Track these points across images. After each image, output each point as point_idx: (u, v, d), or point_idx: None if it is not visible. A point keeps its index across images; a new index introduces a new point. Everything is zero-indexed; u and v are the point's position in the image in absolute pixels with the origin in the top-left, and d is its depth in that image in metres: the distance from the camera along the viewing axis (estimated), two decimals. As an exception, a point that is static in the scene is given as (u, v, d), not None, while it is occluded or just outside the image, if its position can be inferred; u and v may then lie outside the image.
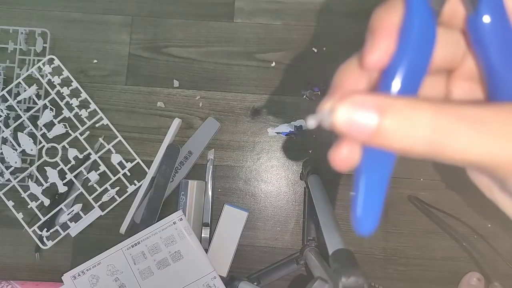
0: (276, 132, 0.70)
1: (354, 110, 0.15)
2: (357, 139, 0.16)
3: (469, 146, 0.15)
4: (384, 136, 0.15)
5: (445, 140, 0.15)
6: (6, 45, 0.71)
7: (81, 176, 0.68)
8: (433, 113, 0.15)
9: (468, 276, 0.67)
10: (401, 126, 0.15)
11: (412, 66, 0.17)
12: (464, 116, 0.15)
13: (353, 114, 0.15)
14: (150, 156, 0.70)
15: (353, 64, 0.19)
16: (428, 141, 0.15)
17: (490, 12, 0.17)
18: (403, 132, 0.15)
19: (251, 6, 0.74)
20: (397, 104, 0.15)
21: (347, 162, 0.18)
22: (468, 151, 0.15)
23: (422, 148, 0.15)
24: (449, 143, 0.15)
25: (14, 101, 0.68)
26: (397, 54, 0.17)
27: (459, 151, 0.15)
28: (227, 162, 0.71)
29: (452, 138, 0.15)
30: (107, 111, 0.70)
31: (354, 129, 0.15)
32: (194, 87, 0.72)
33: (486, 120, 0.15)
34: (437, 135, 0.15)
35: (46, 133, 0.67)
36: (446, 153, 0.15)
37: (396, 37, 0.17)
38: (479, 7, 0.17)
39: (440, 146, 0.15)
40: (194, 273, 0.63)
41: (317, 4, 0.74)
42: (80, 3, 0.74)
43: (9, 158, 0.66)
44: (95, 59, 0.73)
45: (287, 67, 0.73)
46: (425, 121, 0.15)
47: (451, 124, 0.15)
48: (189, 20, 0.74)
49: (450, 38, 0.19)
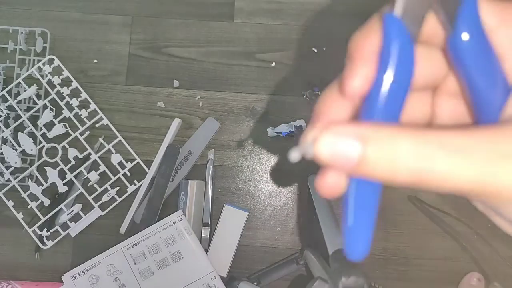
0: (276, 132, 0.70)
1: (336, 141, 0.15)
2: (340, 170, 0.16)
3: (453, 175, 0.14)
4: (367, 166, 0.15)
5: (428, 169, 0.15)
6: (6, 45, 0.71)
7: (81, 176, 0.68)
8: (415, 141, 0.15)
9: (468, 277, 0.67)
10: (384, 156, 0.15)
11: (393, 91, 0.17)
12: (446, 143, 0.15)
13: (335, 145, 0.15)
14: (150, 156, 0.70)
15: (333, 91, 0.19)
16: (411, 171, 0.15)
17: (468, 32, 0.17)
18: (385, 162, 0.15)
19: (251, 6, 0.74)
20: (379, 133, 0.15)
21: (334, 189, 0.18)
22: (452, 180, 0.15)
23: (406, 178, 0.15)
24: (432, 172, 0.15)
25: (14, 101, 0.68)
26: (377, 79, 0.17)
27: (443, 180, 0.15)
28: (227, 162, 0.71)
29: (435, 167, 0.14)
30: (107, 111, 0.70)
31: (337, 160, 0.15)
32: (194, 87, 0.72)
33: (468, 147, 0.14)
34: (419, 164, 0.15)
35: (46, 133, 0.67)
36: (430, 183, 0.15)
37: (375, 63, 0.17)
38: (457, 27, 0.17)
39: (424, 176, 0.15)
40: (194, 273, 0.63)
41: (317, 4, 0.74)
42: (80, 3, 0.74)
43: (9, 158, 0.66)
44: (95, 59, 0.73)
45: (287, 67, 0.73)
46: (407, 150, 0.15)
47: (433, 153, 0.15)
48: (189, 20, 0.74)
49: (432, 56, 0.18)
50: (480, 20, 0.17)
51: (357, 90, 0.17)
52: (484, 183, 0.14)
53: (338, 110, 0.19)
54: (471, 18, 0.17)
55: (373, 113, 0.17)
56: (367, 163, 0.15)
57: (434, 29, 0.18)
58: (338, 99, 0.19)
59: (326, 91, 0.19)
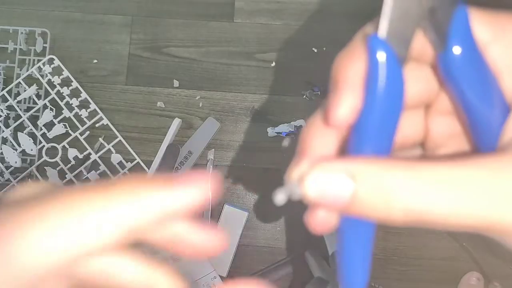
0: (276, 132, 0.70)
1: (325, 179, 0.14)
2: (330, 209, 0.15)
3: (454, 214, 0.13)
4: (359, 206, 0.14)
5: (426, 208, 0.13)
6: (6, 45, 0.71)
7: (81, 176, 0.68)
8: (410, 177, 0.14)
9: (467, 276, 0.67)
10: (376, 194, 0.14)
11: (382, 119, 0.16)
12: (444, 179, 0.13)
13: (324, 184, 0.14)
14: (150, 156, 0.70)
15: (318, 121, 0.17)
16: (408, 211, 0.14)
17: (461, 48, 0.15)
18: (379, 201, 0.14)
19: (251, 6, 0.74)
20: (370, 169, 0.14)
21: (325, 226, 0.17)
22: (454, 219, 0.13)
23: (402, 218, 0.14)
24: (431, 211, 0.13)
25: (14, 101, 0.68)
26: (364, 107, 0.16)
27: (444, 220, 0.14)
28: (227, 162, 0.71)
29: (434, 206, 0.13)
30: (107, 111, 0.70)
31: (327, 200, 0.14)
32: (194, 87, 0.72)
33: (469, 182, 0.13)
34: (416, 204, 0.13)
35: (46, 133, 0.67)
36: (429, 222, 0.14)
37: (361, 89, 0.16)
38: (449, 44, 0.15)
39: (422, 215, 0.14)
40: (194, 273, 0.63)
41: (317, 4, 0.74)
42: (80, 3, 0.74)
43: (9, 158, 0.66)
44: (95, 59, 0.73)
45: (287, 67, 0.73)
46: (402, 188, 0.14)
47: (431, 190, 0.13)
48: (189, 20, 0.74)
49: (422, 74, 0.17)
50: (472, 36, 0.15)
51: (343, 120, 0.16)
52: (489, 220, 0.13)
53: (323, 142, 0.17)
54: (463, 34, 0.15)
55: (363, 144, 0.16)
56: (358, 202, 0.14)
57: (423, 46, 0.16)
58: (323, 129, 0.17)
59: (310, 121, 0.18)
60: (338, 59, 0.17)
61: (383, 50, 0.15)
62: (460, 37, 0.15)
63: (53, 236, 0.13)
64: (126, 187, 0.14)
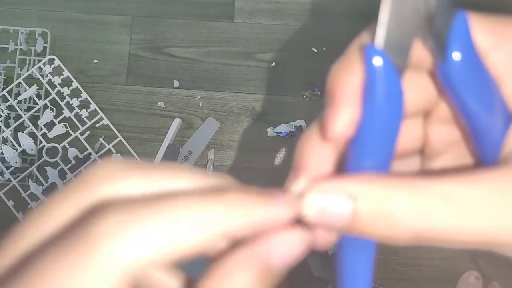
0: (276, 132, 0.70)
1: (324, 200, 0.14)
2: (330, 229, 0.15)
3: (460, 232, 0.13)
4: (360, 226, 0.14)
5: (430, 227, 0.13)
6: (7, 45, 0.71)
7: (81, 176, 0.68)
8: (412, 195, 0.13)
9: (466, 275, 0.67)
10: (378, 214, 0.13)
11: (381, 132, 0.15)
12: (449, 195, 0.13)
13: (323, 205, 0.14)
14: (150, 156, 0.70)
15: (313, 135, 0.17)
16: (411, 230, 0.13)
17: (461, 58, 0.15)
18: (380, 220, 0.13)
19: (251, 6, 0.74)
20: (371, 188, 0.14)
21: (323, 242, 0.16)
22: (460, 237, 0.13)
23: (405, 237, 0.13)
24: (436, 230, 0.13)
25: (14, 101, 0.68)
26: (363, 120, 0.15)
27: (450, 238, 0.13)
28: (227, 162, 0.71)
29: (439, 225, 0.13)
30: (107, 111, 0.70)
31: (326, 221, 0.14)
32: (194, 87, 0.72)
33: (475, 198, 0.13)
34: (420, 222, 0.13)
35: (47, 133, 0.67)
36: (434, 240, 0.13)
37: (359, 101, 0.15)
38: (448, 52, 0.15)
39: (426, 234, 0.13)
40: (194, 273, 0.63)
41: (317, 4, 0.74)
42: (80, 3, 0.74)
43: (10, 158, 0.66)
44: (96, 59, 0.73)
45: (287, 67, 0.73)
46: (405, 206, 0.13)
47: (435, 208, 0.13)
48: (189, 20, 0.74)
49: (421, 82, 0.17)
50: (472, 43, 0.15)
51: (341, 134, 0.15)
52: (497, 237, 0.13)
53: (320, 156, 0.16)
54: (462, 41, 0.15)
55: (362, 158, 0.15)
56: (360, 223, 0.14)
57: (421, 54, 0.16)
58: (320, 144, 0.16)
59: (305, 135, 0.17)
60: (334, 70, 0.16)
61: (381, 61, 0.14)
62: (460, 45, 0.15)
63: (149, 235, 0.13)
64: (229, 195, 0.14)
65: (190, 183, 0.15)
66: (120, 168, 0.15)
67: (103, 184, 0.14)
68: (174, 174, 0.15)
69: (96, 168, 0.15)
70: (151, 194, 0.14)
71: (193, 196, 0.14)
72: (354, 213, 0.14)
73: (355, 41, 0.16)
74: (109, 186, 0.14)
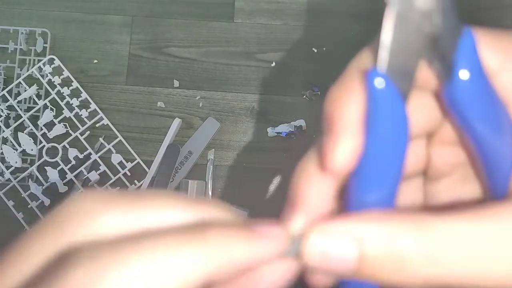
0: (276, 132, 0.70)
1: (327, 243, 0.13)
2: (334, 274, 0.13)
3: (478, 277, 0.12)
4: (367, 270, 0.13)
5: (445, 274, 0.12)
6: (7, 45, 0.71)
7: (81, 176, 0.68)
8: (423, 240, 0.12)
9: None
10: (388, 260, 0.12)
11: (385, 163, 0.14)
12: (457, 236, 0.12)
13: (326, 249, 0.13)
14: (150, 156, 0.70)
15: (312, 165, 0.15)
16: (425, 276, 0.12)
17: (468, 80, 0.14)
18: (391, 266, 0.12)
19: (251, 6, 0.74)
20: (377, 232, 0.12)
21: (325, 281, 0.15)
22: (478, 282, 0.12)
23: (415, 281, 0.12)
24: (451, 276, 0.12)
25: (14, 101, 0.68)
26: (365, 151, 0.14)
27: (461, 282, 0.12)
28: (227, 162, 0.71)
29: (454, 271, 0.12)
30: (107, 111, 0.70)
31: (329, 265, 0.13)
32: (194, 87, 0.72)
33: (492, 239, 0.12)
34: (434, 269, 0.12)
35: (47, 133, 0.67)
36: (446, 284, 0.12)
37: (360, 130, 0.14)
38: (456, 76, 0.14)
39: (442, 280, 0.12)
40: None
41: (317, 4, 0.74)
42: (80, 3, 0.74)
43: (9, 158, 0.66)
44: (95, 59, 0.73)
45: (287, 67, 0.73)
46: (416, 252, 0.12)
47: (450, 253, 0.12)
48: (189, 20, 0.74)
49: (424, 103, 0.16)
50: (480, 64, 0.14)
51: (342, 167, 0.14)
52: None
53: (319, 189, 0.15)
54: (470, 63, 0.14)
55: (365, 194, 0.14)
56: (366, 267, 0.13)
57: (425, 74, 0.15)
58: (318, 175, 0.15)
59: (302, 165, 0.16)
60: (332, 95, 0.15)
61: (384, 86, 0.13)
62: (467, 64, 0.14)
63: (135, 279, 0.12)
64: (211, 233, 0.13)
65: (174, 215, 0.14)
66: (99, 203, 0.13)
67: (77, 225, 0.13)
68: (158, 206, 0.14)
69: (73, 203, 0.14)
70: (129, 234, 0.13)
71: (172, 236, 0.13)
72: (361, 257, 0.12)
73: (353, 62, 0.15)
74: (84, 227, 0.13)
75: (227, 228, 0.13)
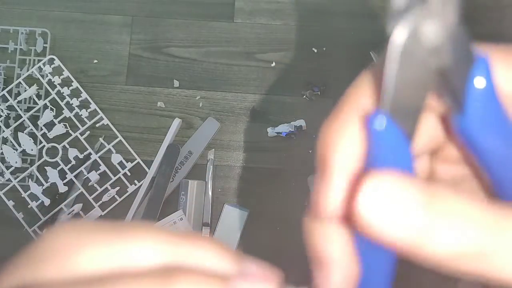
0: (276, 132, 0.70)
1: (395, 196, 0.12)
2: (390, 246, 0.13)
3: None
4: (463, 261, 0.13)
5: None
6: (7, 45, 0.71)
7: (81, 176, 0.68)
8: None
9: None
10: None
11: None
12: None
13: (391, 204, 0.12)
14: (150, 156, 0.70)
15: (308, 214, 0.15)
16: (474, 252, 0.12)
17: (481, 113, 0.13)
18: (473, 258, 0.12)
19: (251, 6, 0.74)
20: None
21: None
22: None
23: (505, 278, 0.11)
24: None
25: (14, 101, 0.68)
26: None
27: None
28: (227, 162, 0.71)
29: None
30: (107, 111, 0.70)
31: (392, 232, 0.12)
32: (194, 87, 0.72)
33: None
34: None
35: (47, 133, 0.67)
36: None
37: (356, 172, 0.13)
38: (468, 111, 0.13)
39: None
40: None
41: (317, 4, 0.74)
42: (80, 3, 0.74)
43: (10, 158, 0.66)
44: (95, 59, 0.73)
45: (287, 67, 0.73)
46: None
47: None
48: (189, 20, 0.74)
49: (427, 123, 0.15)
50: (494, 91, 0.13)
51: (334, 211, 0.13)
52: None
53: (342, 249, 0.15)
54: (484, 95, 0.13)
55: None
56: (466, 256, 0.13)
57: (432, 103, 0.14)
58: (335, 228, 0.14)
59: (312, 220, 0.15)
60: (325, 134, 0.14)
61: (388, 129, 0.12)
62: (481, 100, 0.13)
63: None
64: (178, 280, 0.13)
65: (150, 254, 0.13)
66: (75, 239, 0.13)
67: (49, 263, 0.13)
68: (135, 243, 0.13)
69: (49, 240, 0.14)
70: (97, 274, 0.13)
71: (136, 283, 0.12)
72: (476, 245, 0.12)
73: (349, 93, 0.14)
74: (56, 266, 0.13)
75: (197, 277, 0.13)
